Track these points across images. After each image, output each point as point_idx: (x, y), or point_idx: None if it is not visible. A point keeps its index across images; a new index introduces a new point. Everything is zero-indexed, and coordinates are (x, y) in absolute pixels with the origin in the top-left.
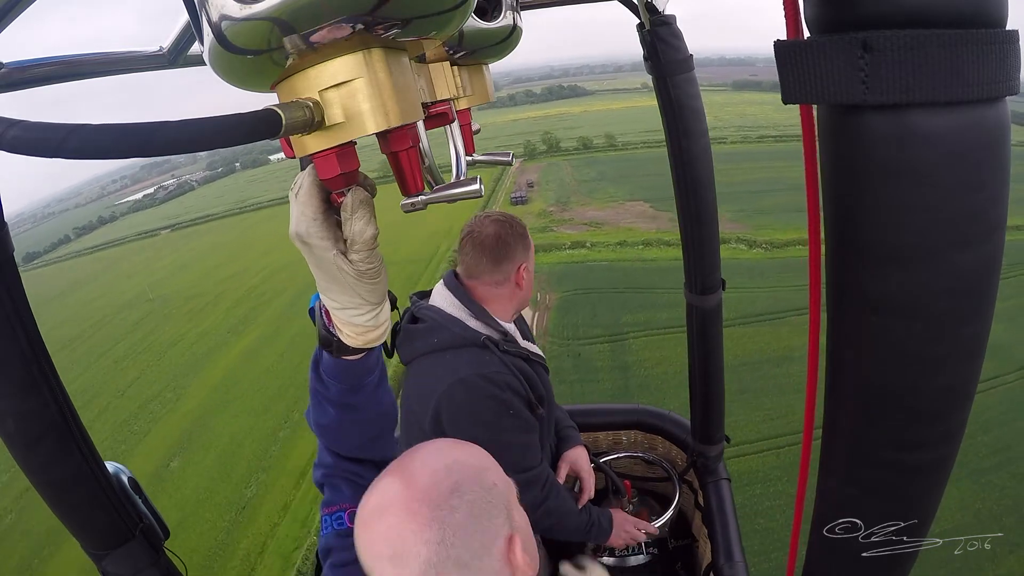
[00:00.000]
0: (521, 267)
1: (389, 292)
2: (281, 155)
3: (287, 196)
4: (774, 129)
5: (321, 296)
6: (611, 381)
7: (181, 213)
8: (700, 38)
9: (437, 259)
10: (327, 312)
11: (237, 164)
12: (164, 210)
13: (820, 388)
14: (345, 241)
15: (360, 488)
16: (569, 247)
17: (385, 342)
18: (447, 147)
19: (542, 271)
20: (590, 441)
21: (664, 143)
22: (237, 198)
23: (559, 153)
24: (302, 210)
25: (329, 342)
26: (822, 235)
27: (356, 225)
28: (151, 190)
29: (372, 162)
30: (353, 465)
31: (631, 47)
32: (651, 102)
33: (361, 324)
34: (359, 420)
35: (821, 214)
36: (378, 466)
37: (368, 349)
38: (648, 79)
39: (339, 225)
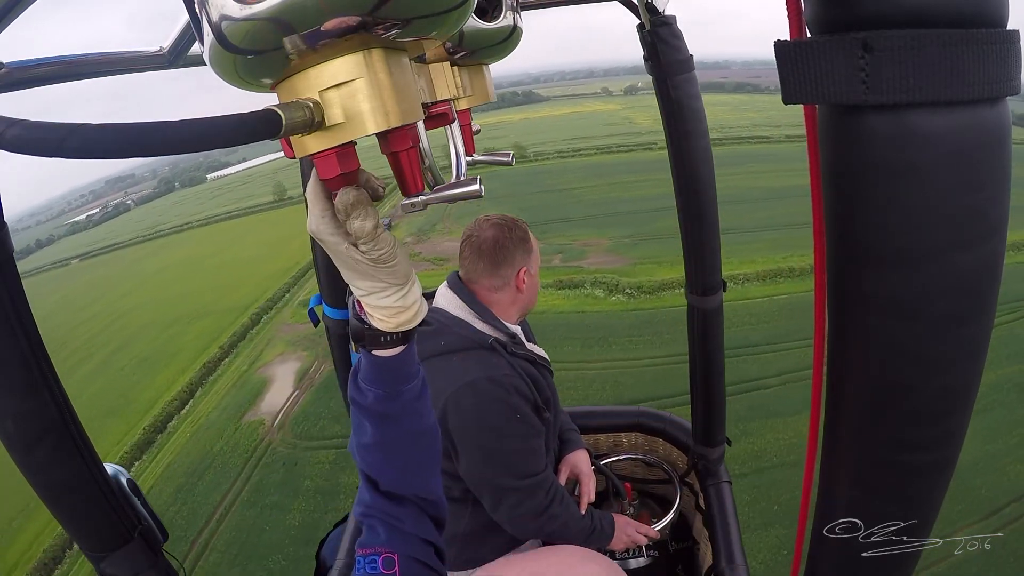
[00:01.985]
0: (521, 271)
1: None
2: (219, 173)
3: (187, 224)
4: (718, 131)
5: (349, 285)
6: (300, 514)
7: (101, 239)
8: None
9: (280, 306)
10: (358, 301)
11: (176, 184)
12: (93, 234)
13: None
14: None
15: (396, 532)
16: None
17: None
18: (447, 147)
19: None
20: (591, 443)
21: (578, 152)
22: (151, 223)
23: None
24: (311, 208)
25: (361, 333)
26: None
27: (354, 224)
28: (96, 210)
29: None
30: (392, 505)
31: (608, 53)
32: (601, 107)
33: (389, 306)
34: (399, 437)
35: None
36: (419, 506)
37: (404, 341)
38: (608, 83)
39: None
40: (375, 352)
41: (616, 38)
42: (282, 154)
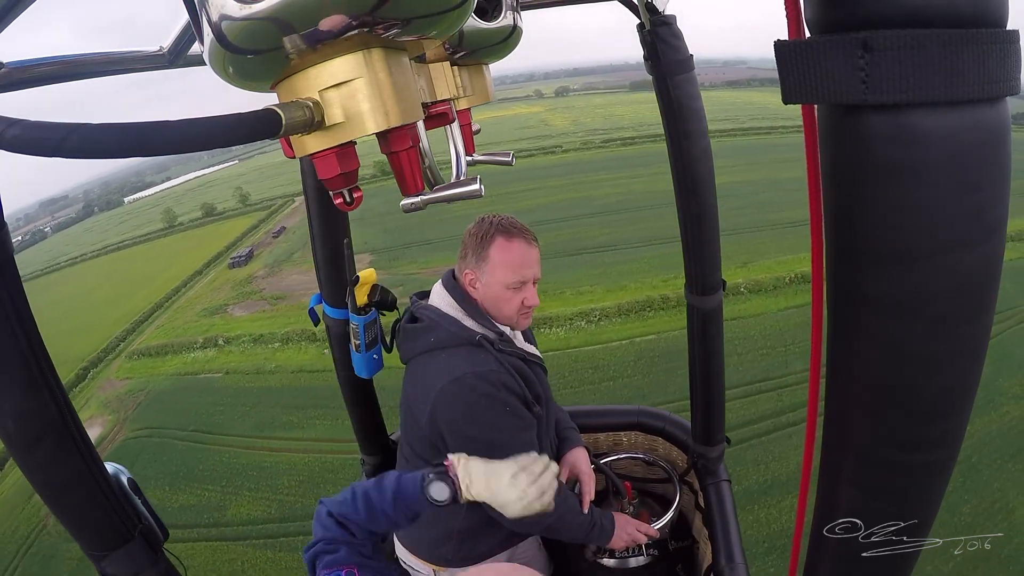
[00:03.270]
0: (467, 274)
1: (389, 292)
2: (137, 195)
3: (82, 256)
4: (634, 130)
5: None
6: None
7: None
8: (617, 45)
9: (111, 357)
10: (458, 482)
11: (95, 207)
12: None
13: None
14: None
15: (355, 550)
16: (199, 346)
17: (385, 339)
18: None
19: (135, 392)
20: (590, 442)
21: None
22: (54, 255)
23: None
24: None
25: (455, 497)
26: (824, 235)
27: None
28: (19, 238)
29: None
30: (350, 535)
31: (552, 56)
32: (524, 110)
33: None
34: (391, 527)
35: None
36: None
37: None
38: (542, 85)
39: None
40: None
41: (563, 44)
42: (200, 173)
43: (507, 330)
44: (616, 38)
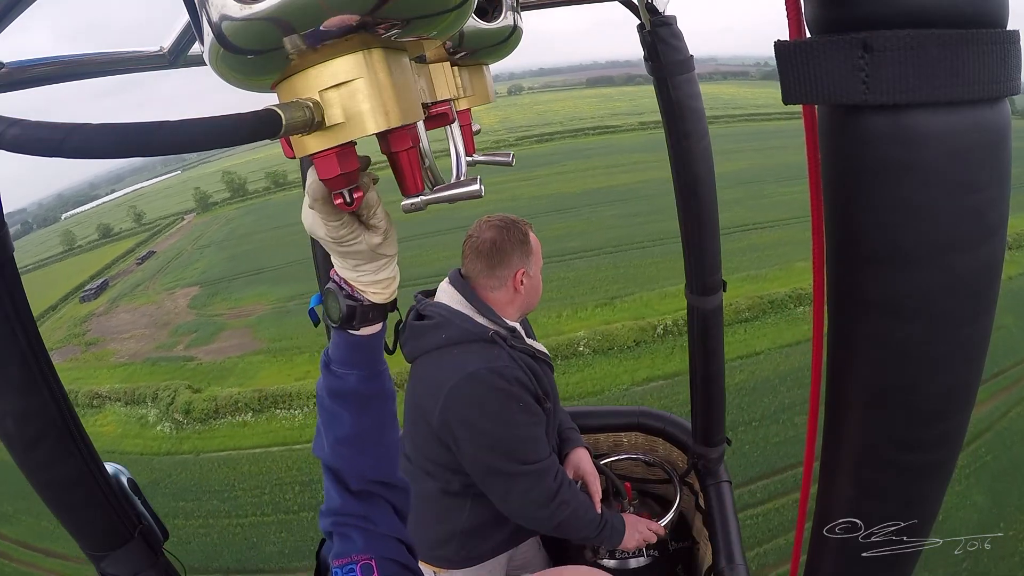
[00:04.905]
0: (519, 273)
1: None
2: (75, 211)
3: None
4: (561, 125)
5: (343, 273)
6: None
7: None
8: (584, 45)
9: None
10: (348, 283)
11: (34, 225)
12: None
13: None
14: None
15: (371, 535)
16: None
17: (385, 341)
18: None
19: None
20: (591, 442)
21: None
22: None
23: (240, 199)
24: (311, 191)
25: (353, 313)
26: (825, 236)
27: (378, 212)
28: None
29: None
30: (364, 506)
31: (526, 58)
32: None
33: (385, 277)
34: (378, 420)
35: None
36: (388, 500)
37: (384, 316)
38: (499, 87)
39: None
40: (363, 331)
41: (535, 47)
42: (144, 184)
43: (516, 326)
44: (587, 39)
